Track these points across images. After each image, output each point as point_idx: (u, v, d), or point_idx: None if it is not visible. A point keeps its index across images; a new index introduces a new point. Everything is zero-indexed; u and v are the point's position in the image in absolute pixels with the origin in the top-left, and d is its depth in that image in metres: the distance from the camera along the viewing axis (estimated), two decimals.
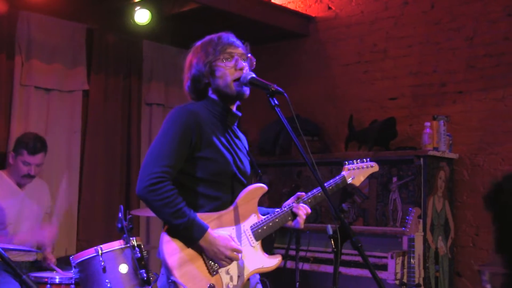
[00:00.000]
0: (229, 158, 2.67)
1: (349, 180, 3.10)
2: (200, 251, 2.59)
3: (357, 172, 3.14)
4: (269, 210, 2.87)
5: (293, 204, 2.83)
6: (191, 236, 2.54)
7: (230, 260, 2.59)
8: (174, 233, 2.58)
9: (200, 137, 2.60)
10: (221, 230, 2.63)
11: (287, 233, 4.94)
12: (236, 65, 2.69)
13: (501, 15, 5.05)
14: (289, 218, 2.81)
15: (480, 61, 5.13)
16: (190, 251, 2.58)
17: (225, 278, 2.62)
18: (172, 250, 2.55)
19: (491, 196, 1.20)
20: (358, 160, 3.18)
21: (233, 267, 2.64)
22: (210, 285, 2.53)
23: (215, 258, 2.57)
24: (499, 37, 5.05)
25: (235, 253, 2.59)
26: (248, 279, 2.72)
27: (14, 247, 4.19)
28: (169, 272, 2.53)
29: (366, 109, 5.77)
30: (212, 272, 2.59)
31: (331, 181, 3.01)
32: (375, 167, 3.22)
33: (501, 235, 1.13)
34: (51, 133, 5.31)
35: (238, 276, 2.66)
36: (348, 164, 3.13)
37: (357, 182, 3.14)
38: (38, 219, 4.65)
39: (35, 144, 4.46)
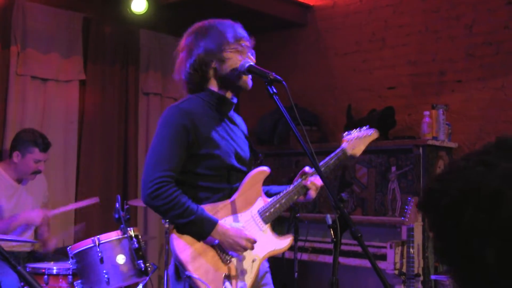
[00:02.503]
0: (228, 150, 2.66)
1: (349, 152, 2.97)
2: (210, 243, 2.59)
3: (356, 142, 3.01)
4: (281, 188, 2.84)
5: (302, 180, 2.78)
6: (203, 231, 2.55)
7: (245, 249, 2.59)
8: (184, 231, 2.57)
9: (197, 135, 2.59)
10: (229, 218, 2.63)
11: (285, 223, 4.93)
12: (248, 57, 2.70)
13: (501, 3, 5.01)
14: (295, 197, 2.76)
15: (479, 50, 5.10)
16: (200, 244, 2.58)
17: (239, 265, 2.64)
18: (183, 245, 2.55)
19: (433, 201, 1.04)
20: (358, 129, 3.07)
21: (245, 254, 2.65)
22: (225, 274, 2.55)
23: (230, 249, 2.57)
24: (498, 26, 5.01)
25: (249, 242, 2.59)
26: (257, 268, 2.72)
27: (11, 238, 4.17)
28: (183, 267, 2.53)
29: (365, 98, 5.74)
30: (226, 261, 2.60)
31: (332, 155, 2.92)
32: (374, 134, 3.08)
33: (446, 245, 1.02)
34: (48, 123, 5.28)
35: (252, 261, 2.66)
36: (347, 135, 3.03)
37: (358, 152, 3.01)
38: None
39: (44, 140, 4.45)
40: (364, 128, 3.10)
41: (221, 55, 2.66)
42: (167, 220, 2.64)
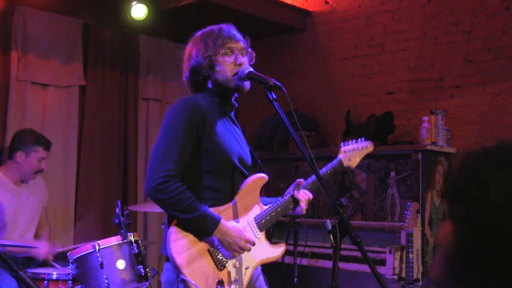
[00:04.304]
0: (231, 148, 2.69)
1: (346, 163, 3.07)
2: (208, 246, 2.60)
3: (353, 153, 3.11)
4: (271, 199, 2.88)
5: (294, 191, 2.82)
6: (206, 228, 2.56)
7: (243, 250, 2.60)
8: (185, 228, 2.58)
9: (204, 128, 2.61)
10: (229, 222, 2.65)
11: (285, 227, 4.94)
12: (235, 60, 2.69)
13: (499, 9, 5.03)
14: (291, 206, 2.81)
15: (478, 55, 5.12)
16: (197, 248, 2.59)
17: (233, 272, 2.65)
18: (180, 248, 2.56)
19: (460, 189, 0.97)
20: (353, 141, 3.15)
21: (239, 261, 2.66)
22: (218, 280, 2.55)
23: (228, 249, 2.58)
24: (497, 31, 5.03)
25: (248, 244, 2.60)
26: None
27: (11, 243, 4.17)
28: (178, 270, 2.54)
29: (364, 103, 5.76)
30: (220, 267, 2.61)
31: (329, 165, 3.00)
32: (369, 147, 3.18)
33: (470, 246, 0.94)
34: (48, 128, 5.28)
35: (246, 268, 2.68)
36: (344, 146, 3.12)
37: (353, 164, 3.12)
38: (35, 215, 4.63)
39: (45, 139, 4.56)
40: (361, 139, 3.15)
41: (209, 62, 2.69)
42: (169, 214, 2.63)
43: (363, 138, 3.17)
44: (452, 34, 5.26)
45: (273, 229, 5.23)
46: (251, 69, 2.67)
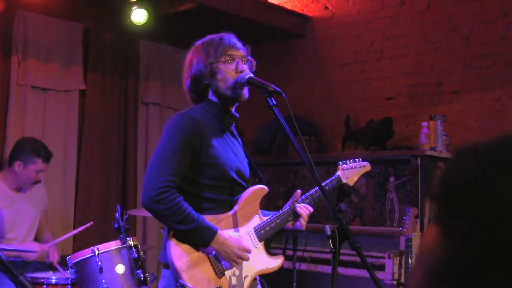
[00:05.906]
0: (228, 162, 2.69)
1: (344, 180, 3.13)
2: (207, 253, 2.61)
3: (350, 172, 3.16)
4: (271, 212, 2.89)
5: (296, 204, 2.83)
6: (203, 239, 2.56)
7: (241, 260, 2.61)
8: (183, 239, 2.58)
9: (202, 143, 2.61)
10: (228, 231, 2.66)
11: (284, 233, 4.94)
12: (237, 67, 2.69)
13: (498, 15, 5.05)
14: (290, 218, 2.82)
15: (476, 61, 5.13)
16: (197, 254, 2.60)
17: (231, 280, 2.66)
18: (180, 254, 2.56)
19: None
20: (351, 160, 3.20)
21: (238, 269, 2.67)
22: (217, 287, 2.56)
23: (226, 259, 2.59)
24: (495, 37, 5.05)
25: (245, 253, 2.61)
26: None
27: (11, 248, 4.17)
28: (177, 275, 2.54)
29: (363, 108, 5.77)
30: (219, 274, 2.62)
31: (327, 181, 3.03)
32: (367, 167, 3.24)
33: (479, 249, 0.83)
34: (48, 133, 5.29)
35: (244, 277, 2.69)
36: (342, 164, 3.16)
37: (351, 182, 3.18)
38: (34, 221, 4.62)
39: (46, 151, 4.48)
40: (358, 160, 3.22)
41: (210, 70, 2.68)
42: (166, 226, 2.64)
43: (361, 158, 3.22)
44: (451, 40, 5.28)
45: (273, 234, 5.23)
46: (251, 75, 2.68)
